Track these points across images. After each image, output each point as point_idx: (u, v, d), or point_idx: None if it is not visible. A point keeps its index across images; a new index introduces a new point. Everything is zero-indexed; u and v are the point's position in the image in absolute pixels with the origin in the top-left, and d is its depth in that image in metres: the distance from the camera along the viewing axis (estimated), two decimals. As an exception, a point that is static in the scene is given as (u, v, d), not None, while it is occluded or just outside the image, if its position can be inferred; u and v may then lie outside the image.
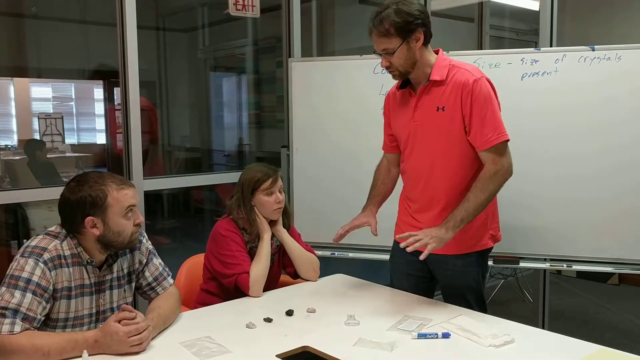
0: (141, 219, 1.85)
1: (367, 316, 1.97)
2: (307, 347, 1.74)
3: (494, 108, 2.06)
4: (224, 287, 2.28)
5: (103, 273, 1.83)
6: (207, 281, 2.38)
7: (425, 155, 2.16)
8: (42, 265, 1.68)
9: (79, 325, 1.79)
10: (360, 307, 2.07)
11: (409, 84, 2.19)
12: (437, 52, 2.15)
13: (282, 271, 2.50)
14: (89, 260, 1.78)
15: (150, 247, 2.01)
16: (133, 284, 1.96)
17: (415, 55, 2.06)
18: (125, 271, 1.92)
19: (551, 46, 3.24)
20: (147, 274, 1.98)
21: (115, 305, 1.87)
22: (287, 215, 2.43)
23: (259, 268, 2.24)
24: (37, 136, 4.83)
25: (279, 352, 1.69)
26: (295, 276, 2.44)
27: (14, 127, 6.18)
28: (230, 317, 2.01)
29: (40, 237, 1.76)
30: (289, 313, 2.01)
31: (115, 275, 1.88)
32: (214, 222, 2.40)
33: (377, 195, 2.36)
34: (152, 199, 3.66)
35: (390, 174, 2.39)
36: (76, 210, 1.74)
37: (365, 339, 1.76)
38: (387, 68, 2.10)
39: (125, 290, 1.92)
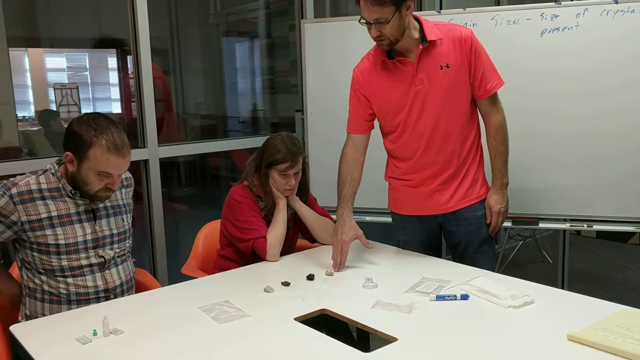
0: (116, 186, 1.91)
1: (385, 279, 1.97)
2: (325, 310, 1.75)
3: (489, 57, 2.16)
4: (240, 252, 2.29)
5: (93, 201, 1.93)
6: (224, 247, 2.39)
7: (433, 117, 2.13)
8: (7, 197, 1.82)
9: (74, 252, 1.89)
10: (378, 270, 2.07)
11: (391, 53, 2.13)
12: (415, 18, 2.10)
13: (300, 236, 2.50)
14: (72, 192, 1.88)
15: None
16: (130, 215, 2.07)
17: (405, 24, 2.02)
18: (120, 202, 2.03)
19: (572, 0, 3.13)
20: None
21: (115, 231, 1.99)
22: (304, 190, 2.41)
23: (276, 233, 2.24)
24: (53, 107, 4.83)
25: (297, 315, 1.70)
26: (313, 241, 2.44)
27: (31, 98, 6.20)
28: (248, 282, 2.02)
29: (25, 174, 1.91)
30: (310, 277, 2.01)
31: (109, 204, 1.99)
32: (229, 187, 2.39)
33: (350, 197, 2.21)
34: (168, 166, 3.67)
35: (357, 164, 2.25)
36: (67, 139, 1.85)
37: (383, 301, 1.76)
38: (377, 38, 2.04)
39: (123, 220, 2.03)
